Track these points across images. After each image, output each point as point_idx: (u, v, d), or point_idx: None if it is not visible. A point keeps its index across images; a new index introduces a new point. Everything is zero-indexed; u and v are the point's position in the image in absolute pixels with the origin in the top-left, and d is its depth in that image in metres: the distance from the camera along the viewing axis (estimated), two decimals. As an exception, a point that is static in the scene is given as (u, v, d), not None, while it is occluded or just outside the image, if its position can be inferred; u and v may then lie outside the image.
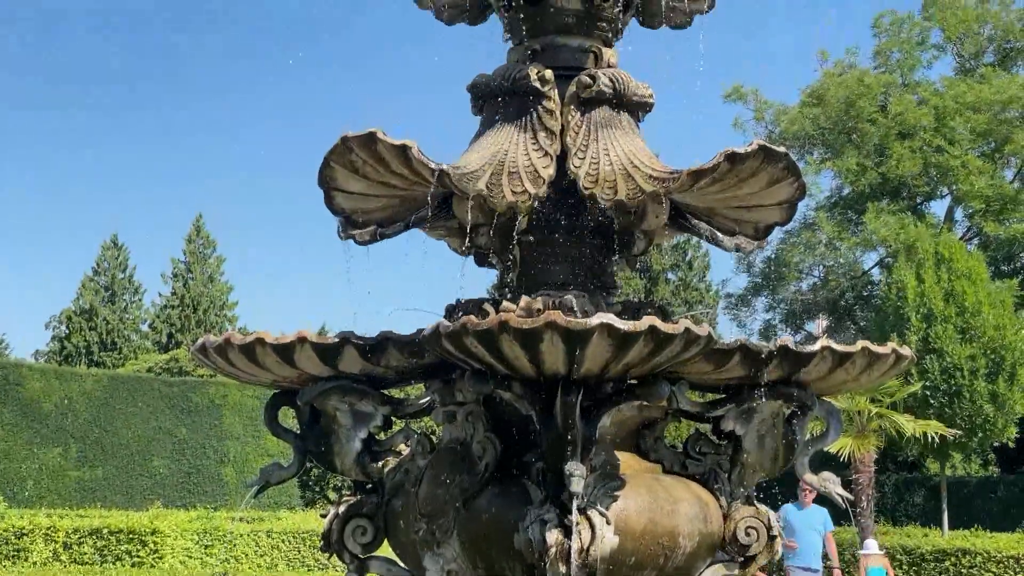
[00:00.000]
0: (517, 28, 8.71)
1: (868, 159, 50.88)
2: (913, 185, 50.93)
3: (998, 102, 48.66)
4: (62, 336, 75.26)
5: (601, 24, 8.65)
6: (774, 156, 7.23)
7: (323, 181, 7.65)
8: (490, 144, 8.09)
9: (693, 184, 7.41)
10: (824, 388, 7.93)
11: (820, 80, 53.16)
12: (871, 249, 52.79)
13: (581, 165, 7.89)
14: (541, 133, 8.08)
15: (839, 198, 54.33)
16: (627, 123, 8.35)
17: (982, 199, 48.40)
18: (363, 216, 7.99)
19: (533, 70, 8.22)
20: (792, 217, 8.13)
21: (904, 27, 54.17)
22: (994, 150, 50.25)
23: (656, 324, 6.39)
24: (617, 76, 8.35)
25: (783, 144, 49.74)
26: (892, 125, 50.19)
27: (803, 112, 52.31)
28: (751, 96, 55.04)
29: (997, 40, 53.87)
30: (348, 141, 7.26)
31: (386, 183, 7.61)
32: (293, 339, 7.25)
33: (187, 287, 76.65)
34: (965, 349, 36.10)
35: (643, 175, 7.67)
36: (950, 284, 36.99)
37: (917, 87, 52.61)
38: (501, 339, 6.44)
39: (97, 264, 77.51)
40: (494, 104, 8.40)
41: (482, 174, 7.72)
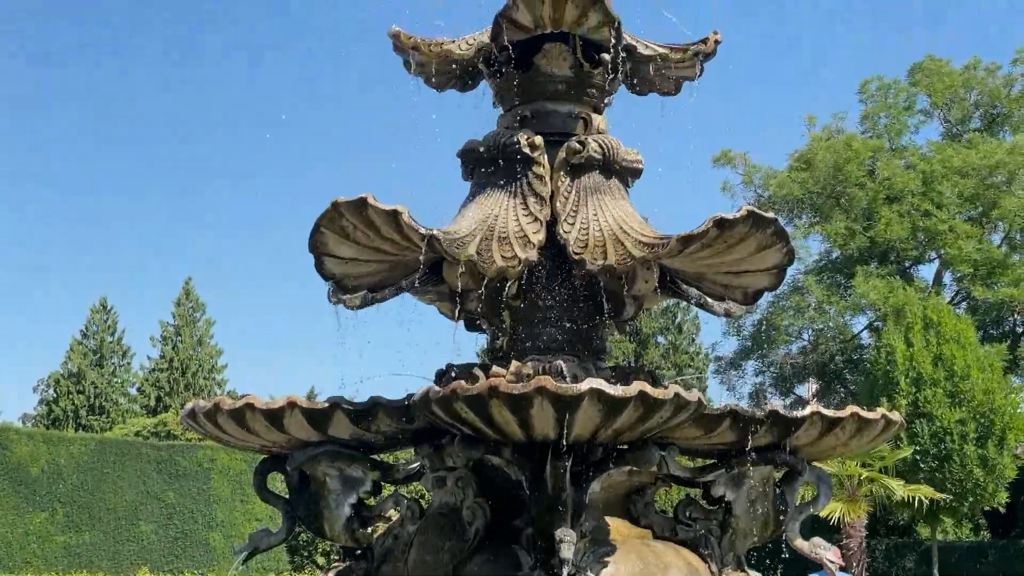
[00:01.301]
0: (507, 94, 8.77)
1: (856, 223, 51.09)
2: (901, 249, 51.11)
3: (985, 167, 48.93)
4: (50, 400, 74.91)
5: (590, 91, 8.72)
6: (763, 222, 7.27)
7: (314, 246, 7.67)
8: (480, 209, 8.12)
9: (682, 250, 7.44)
10: (814, 453, 7.92)
11: (808, 144, 53.45)
12: (860, 313, 52.88)
13: (571, 230, 7.92)
14: (531, 198, 8.12)
15: (828, 262, 54.50)
16: (616, 188, 8.40)
17: (970, 263, 48.57)
18: (353, 281, 8.01)
19: (523, 136, 8.28)
20: (781, 282, 8.16)
21: (891, 92, 54.57)
22: (981, 214, 50.49)
23: (646, 389, 6.39)
24: (606, 142, 8.41)
25: (772, 208, 50.00)
26: (880, 189, 50.43)
27: (791, 176, 52.57)
28: (740, 160, 55.33)
29: (983, 105, 54.27)
30: (339, 206, 7.29)
31: (377, 248, 7.63)
32: (283, 404, 7.24)
33: (176, 350, 76.41)
34: (955, 413, 36.07)
35: (632, 241, 7.71)
36: (939, 348, 37.03)
37: (904, 151, 52.93)
38: (491, 404, 6.44)
39: (86, 327, 77.30)
40: (484, 169, 8.45)
41: (472, 239, 7.75)
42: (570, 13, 8.14)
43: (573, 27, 8.31)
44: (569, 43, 8.51)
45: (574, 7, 8.09)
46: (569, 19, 8.21)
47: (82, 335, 77.82)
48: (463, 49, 8.80)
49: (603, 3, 8.14)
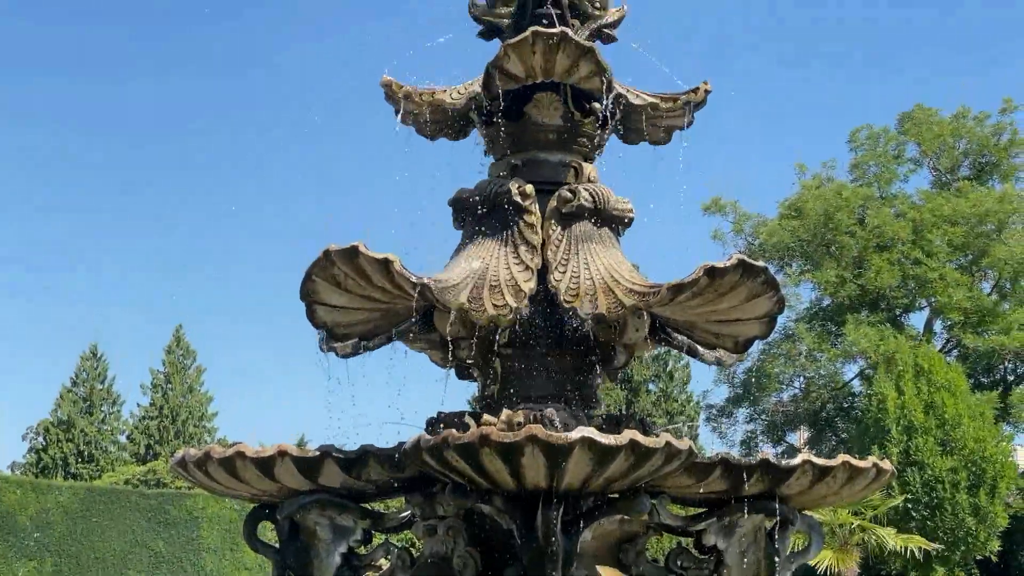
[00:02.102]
0: (498, 143, 8.82)
1: (847, 271, 51.19)
2: (892, 297, 51.18)
3: (975, 215, 49.09)
4: (39, 447, 74.56)
5: (581, 140, 8.77)
6: (753, 270, 7.29)
7: (305, 294, 7.68)
8: (471, 258, 8.15)
9: (673, 298, 7.46)
10: (806, 502, 7.91)
11: (798, 193, 53.61)
12: (851, 360, 52.87)
13: (562, 279, 7.95)
14: (522, 247, 8.14)
15: (819, 309, 54.55)
16: (607, 237, 8.43)
17: (960, 311, 48.64)
18: (345, 329, 8.01)
19: (514, 185, 8.31)
20: (772, 331, 8.18)
21: (880, 141, 54.79)
22: (971, 262, 50.62)
23: (637, 438, 6.40)
24: (597, 191, 8.46)
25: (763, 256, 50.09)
26: (870, 237, 50.59)
27: (782, 224, 52.69)
28: (730, 208, 55.48)
29: (973, 154, 54.49)
30: (331, 255, 7.31)
31: (368, 296, 7.64)
32: (273, 453, 7.23)
33: (166, 398, 76.16)
34: (946, 461, 36.02)
35: (623, 289, 7.73)
36: (930, 396, 37.01)
37: (894, 200, 53.10)
38: (482, 453, 6.43)
39: (76, 375, 77.02)
40: (475, 218, 8.47)
41: (463, 288, 7.77)
42: (561, 63, 8.20)
43: (564, 77, 8.37)
44: (560, 93, 8.57)
45: (565, 57, 8.15)
46: (560, 69, 8.26)
47: (72, 383, 77.54)
48: (454, 98, 8.86)
49: (594, 53, 8.20)
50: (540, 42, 8.05)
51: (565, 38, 8.07)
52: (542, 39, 8.03)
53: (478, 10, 9.24)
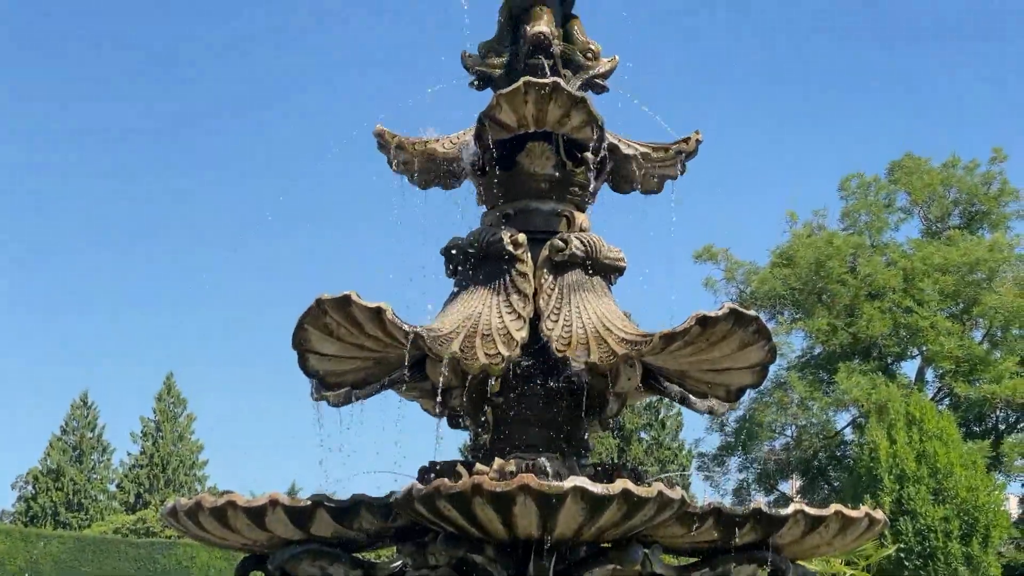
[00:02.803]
0: (491, 192, 8.85)
1: (838, 319, 51.24)
2: (884, 345, 51.22)
3: (965, 264, 49.23)
4: (28, 496, 74.20)
5: (574, 189, 8.80)
6: (745, 320, 7.31)
7: (297, 343, 7.67)
8: (464, 307, 8.16)
9: (665, 347, 7.47)
10: (798, 552, 7.89)
11: (790, 241, 53.75)
12: (843, 409, 52.82)
13: (554, 328, 7.96)
14: (514, 296, 8.16)
15: (810, 358, 54.55)
16: (599, 286, 8.45)
17: (952, 360, 48.66)
18: (337, 378, 8.00)
19: (506, 234, 8.34)
20: (764, 380, 8.19)
21: (871, 190, 55.00)
22: (962, 311, 50.70)
23: (629, 487, 6.39)
24: (589, 240, 8.48)
25: (754, 304, 50.11)
26: (861, 286, 50.68)
27: (773, 273, 52.78)
28: (722, 256, 55.58)
29: (963, 203, 54.70)
30: (323, 304, 7.31)
31: (360, 345, 7.64)
32: (265, 502, 7.21)
33: (156, 446, 75.86)
34: (938, 511, 35.95)
35: (615, 338, 7.74)
36: (922, 445, 36.98)
37: (885, 248, 53.25)
38: (474, 502, 6.42)
39: (66, 423, 76.77)
40: (468, 267, 8.50)
41: (455, 337, 7.78)
42: (553, 113, 8.24)
43: (556, 127, 8.41)
44: (552, 142, 8.61)
45: (557, 107, 8.19)
46: (552, 119, 8.31)
47: (62, 431, 77.25)
48: (447, 148, 8.90)
49: (586, 103, 8.24)
50: (532, 92, 8.09)
51: (557, 88, 8.11)
52: (534, 89, 8.08)
53: (471, 60, 9.29)
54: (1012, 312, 48.83)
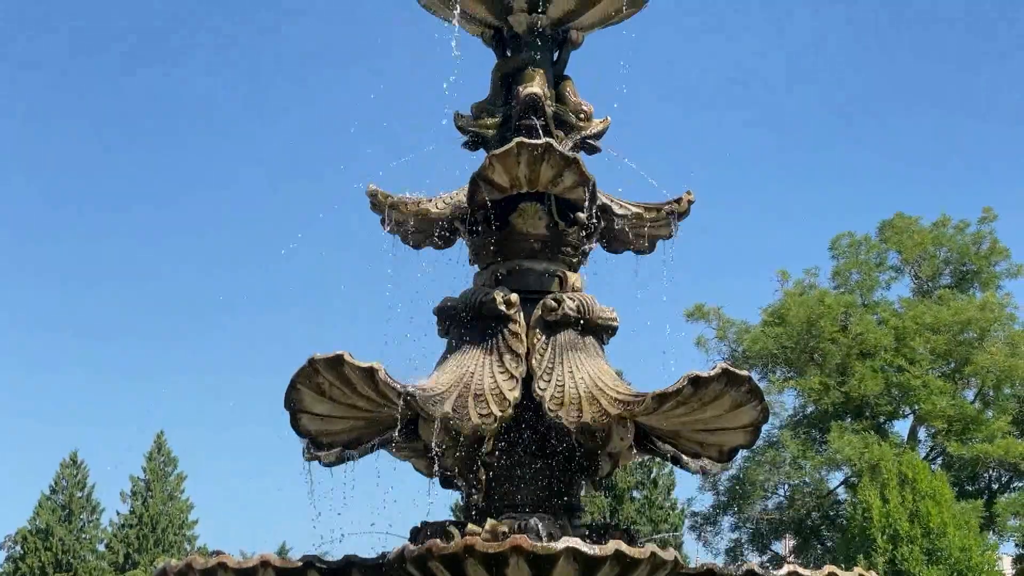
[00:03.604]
0: (483, 252, 8.87)
1: (830, 378, 51.16)
2: (876, 404, 51.11)
3: (957, 323, 49.22)
4: (16, 557, 73.61)
5: (566, 249, 8.83)
6: (737, 380, 7.32)
7: (290, 403, 7.67)
8: (456, 366, 8.17)
9: (658, 407, 7.48)
10: (792, 612, 7.85)
11: (781, 300, 53.79)
12: (836, 468, 52.63)
13: (546, 388, 7.96)
14: (507, 355, 8.17)
15: (803, 417, 54.40)
16: (592, 345, 8.47)
17: (944, 419, 48.53)
18: (329, 438, 7.99)
19: (499, 294, 8.36)
20: (756, 440, 8.19)
21: (862, 249, 55.11)
22: (954, 370, 50.63)
23: (622, 548, 6.37)
24: (582, 300, 8.50)
25: (746, 363, 50.07)
26: (853, 345, 50.63)
27: (765, 331, 52.72)
28: (713, 315, 55.56)
29: (953, 263, 54.79)
30: (315, 363, 7.32)
31: (352, 405, 7.64)
32: (256, 563, 7.18)
33: (146, 506, 75.28)
34: (932, 571, 35.74)
35: (608, 398, 7.75)
36: (915, 505, 36.84)
37: (877, 307, 53.24)
38: (467, 563, 6.41)
39: (55, 482, 76.22)
40: (460, 326, 8.51)
41: (448, 396, 7.78)
42: (545, 173, 8.29)
43: (548, 187, 8.45)
44: (545, 203, 8.65)
45: (549, 168, 8.24)
46: (544, 179, 8.35)
47: (51, 490, 76.78)
48: (440, 208, 8.94)
49: (578, 164, 8.29)
50: (525, 153, 8.14)
51: (550, 149, 8.16)
52: (527, 150, 8.13)
53: (464, 121, 9.34)
54: (1004, 372, 48.83)
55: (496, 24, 9.30)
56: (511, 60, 9.31)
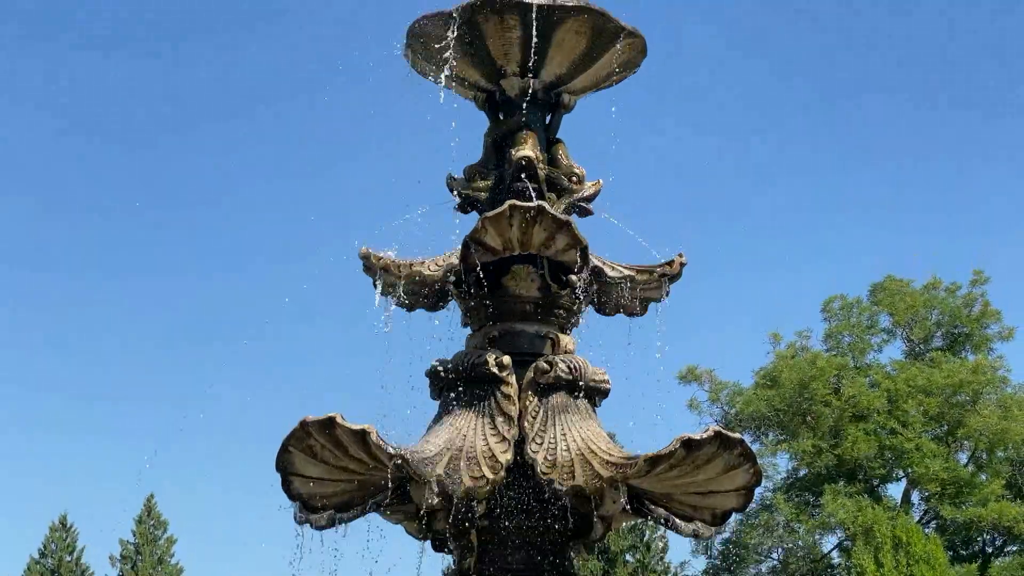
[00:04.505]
0: (476, 314, 8.89)
1: (823, 441, 51.08)
2: (869, 467, 51.00)
3: (949, 386, 49.24)
4: (5, 621, 73.03)
5: (558, 312, 8.85)
6: (730, 443, 7.32)
7: (281, 466, 7.65)
8: (448, 429, 8.16)
9: (650, 470, 7.46)
10: None
11: (774, 362, 53.79)
12: (830, 532, 52.50)
13: (539, 450, 7.95)
14: (499, 418, 8.16)
15: (796, 479, 54.29)
16: (584, 408, 8.47)
17: (938, 482, 48.48)
18: (320, 501, 7.96)
19: (491, 356, 8.36)
20: (749, 503, 8.17)
21: (854, 311, 55.23)
22: (947, 433, 50.62)
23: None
24: (574, 362, 8.51)
25: (739, 426, 50.04)
26: (846, 407, 50.60)
27: (758, 394, 52.70)
28: (706, 377, 55.55)
29: (945, 325, 54.89)
30: (307, 426, 7.31)
31: (344, 468, 7.63)
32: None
33: (135, 570, 74.81)
34: (928, 635, 35.61)
35: (600, 461, 7.74)
36: (909, 569, 36.73)
37: (869, 370, 53.27)
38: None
39: (44, 545, 75.75)
40: (452, 389, 8.50)
41: (440, 459, 7.76)
42: (538, 236, 8.32)
43: (541, 249, 8.48)
44: (537, 265, 8.67)
45: (542, 230, 8.27)
46: (537, 242, 8.38)
47: (40, 554, 76.29)
48: (432, 270, 8.95)
49: (570, 227, 8.32)
50: (517, 215, 8.17)
51: (542, 212, 8.19)
52: (519, 212, 8.16)
53: (456, 183, 9.38)
54: (997, 435, 48.84)
55: (489, 88, 9.37)
56: (503, 123, 9.37)
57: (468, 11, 8.78)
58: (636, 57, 9.39)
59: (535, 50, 8.84)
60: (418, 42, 9.17)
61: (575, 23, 8.81)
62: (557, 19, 8.74)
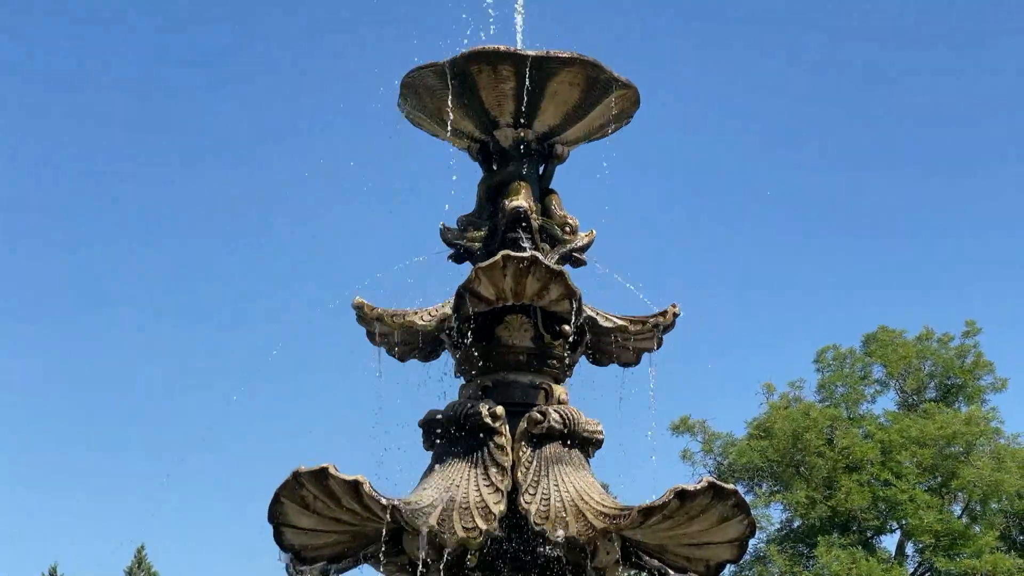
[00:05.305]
0: (468, 365, 8.88)
1: (817, 492, 50.92)
2: (863, 519, 50.84)
3: (942, 437, 49.14)
4: (-8, 674, 72.42)
5: (552, 362, 8.85)
6: (724, 494, 7.30)
7: (273, 516, 7.62)
8: (441, 479, 8.14)
9: (644, 521, 7.44)
10: None
11: (767, 412, 53.68)
12: (824, 584, 52.25)
13: (532, 501, 7.93)
14: (492, 469, 8.15)
15: (790, 531, 54.07)
16: (577, 458, 8.45)
17: (931, 534, 48.31)
18: (313, 552, 7.93)
19: (484, 406, 8.36)
20: (743, 555, 8.16)
21: (847, 362, 55.19)
22: (941, 484, 50.49)
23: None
24: (568, 413, 8.50)
25: (732, 477, 49.90)
26: (839, 458, 50.48)
27: (751, 444, 52.55)
28: (699, 428, 55.40)
29: (938, 376, 54.84)
30: (300, 476, 7.29)
31: (337, 519, 7.60)
32: None
33: (125, 621, 74.37)
34: None
35: (594, 512, 7.72)
36: (905, 622, 36.59)
37: (862, 420, 53.15)
38: None
39: (34, 597, 75.36)
40: (446, 439, 8.49)
41: (433, 510, 7.74)
42: (531, 286, 8.33)
43: (534, 299, 8.49)
44: (530, 315, 8.68)
45: (535, 280, 8.28)
46: (530, 292, 8.39)
47: (29, 606, 75.65)
48: (425, 320, 8.95)
49: (564, 277, 8.33)
50: (511, 265, 8.19)
51: (535, 262, 8.21)
52: (513, 262, 8.17)
53: (450, 233, 9.40)
54: (990, 486, 48.74)
55: (482, 138, 9.40)
56: (497, 174, 9.39)
57: (461, 62, 8.82)
58: (630, 108, 9.44)
59: (528, 101, 8.89)
60: (412, 93, 9.21)
61: (568, 74, 8.85)
62: (550, 70, 8.79)
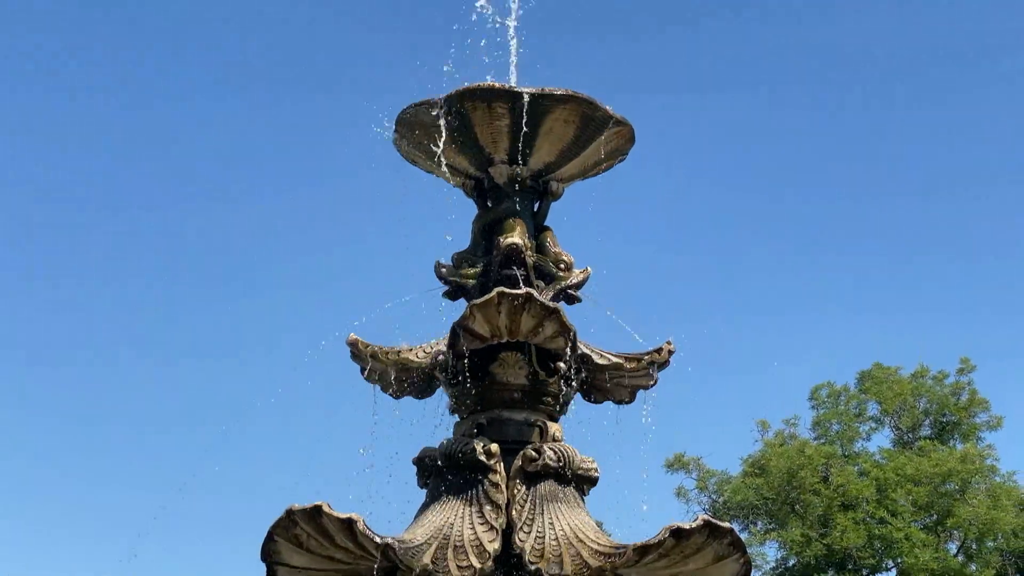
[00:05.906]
0: (463, 401, 8.85)
1: (812, 530, 50.75)
2: (858, 557, 50.70)
3: (938, 475, 49.06)
4: None
5: (546, 399, 8.82)
6: (719, 532, 7.27)
7: (266, 555, 7.58)
8: (436, 517, 8.10)
9: (639, 559, 7.41)
10: None
11: (762, 450, 53.60)
12: (820, 623, 52.01)
13: (527, 539, 7.90)
14: (487, 506, 8.11)
15: (785, 569, 53.87)
16: (572, 496, 8.42)
17: (927, 572, 48.14)
18: (306, 591, 7.88)
19: (479, 444, 8.33)
20: (740, 593, 8.09)
21: (841, 399, 55.12)
22: (936, 522, 50.37)
23: None
24: (562, 450, 8.47)
25: (727, 514, 49.75)
26: (835, 496, 50.34)
27: (746, 482, 52.44)
28: (693, 465, 55.27)
29: (933, 413, 54.74)
30: (293, 514, 7.26)
31: (330, 557, 7.56)
32: None
33: (118, 661, 73.87)
34: None
35: (589, 550, 7.68)
36: (900, 659, 36.40)
37: (857, 458, 53.07)
38: None
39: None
40: (440, 477, 8.46)
41: (427, 548, 7.70)
42: (526, 324, 8.31)
43: (529, 337, 8.47)
44: (525, 352, 8.66)
45: (530, 318, 8.27)
46: (525, 329, 8.37)
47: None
48: (420, 357, 8.94)
49: (558, 314, 8.32)
50: (506, 303, 8.17)
51: (530, 299, 8.20)
52: (508, 300, 8.16)
53: (445, 271, 9.39)
54: (986, 524, 48.62)
55: (477, 175, 9.41)
56: (492, 211, 9.39)
57: (456, 99, 8.84)
58: (624, 145, 9.45)
59: (523, 138, 8.90)
60: (407, 129, 9.22)
61: (563, 112, 8.87)
62: (545, 107, 8.80)
